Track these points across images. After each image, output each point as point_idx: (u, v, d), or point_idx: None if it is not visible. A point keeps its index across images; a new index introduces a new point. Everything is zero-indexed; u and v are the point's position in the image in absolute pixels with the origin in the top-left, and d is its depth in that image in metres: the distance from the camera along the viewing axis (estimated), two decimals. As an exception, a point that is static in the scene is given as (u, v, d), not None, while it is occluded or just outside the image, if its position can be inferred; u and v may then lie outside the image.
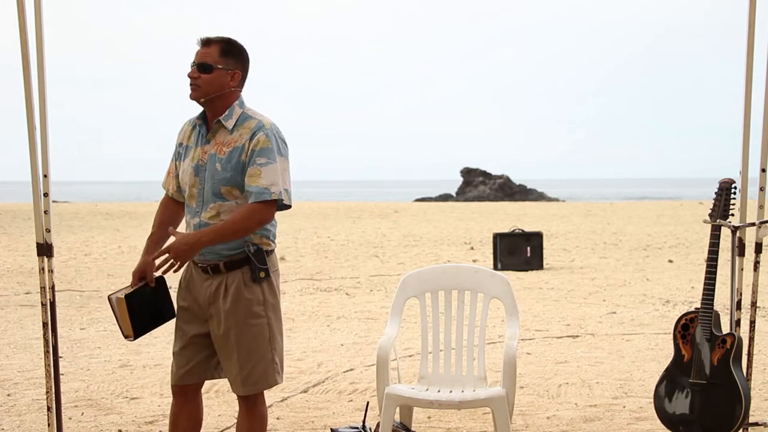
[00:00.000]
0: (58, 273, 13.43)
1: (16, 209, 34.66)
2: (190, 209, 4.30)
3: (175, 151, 4.42)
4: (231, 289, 4.25)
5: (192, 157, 4.28)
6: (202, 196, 4.25)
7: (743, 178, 5.18)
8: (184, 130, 4.39)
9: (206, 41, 4.23)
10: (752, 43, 5.13)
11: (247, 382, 4.30)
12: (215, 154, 4.23)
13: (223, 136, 4.24)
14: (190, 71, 4.22)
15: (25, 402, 6.57)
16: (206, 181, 4.23)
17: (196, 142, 4.30)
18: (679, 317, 5.07)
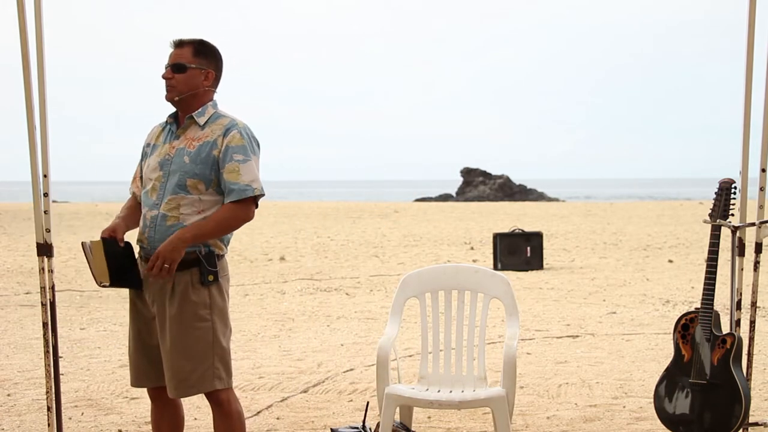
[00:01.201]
0: (58, 273, 13.43)
1: (16, 209, 34.66)
2: (148, 202, 4.32)
3: (142, 152, 4.48)
4: (178, 290, 4.26)
5: (159, 153, 4.34)
6: (163, 189, 4.27)
7: (743, 178, 5.18)
8: (153, 132, 4.45)
9: (179, 43, 4.29)
10: (752, 43, 5.13)
11: (182, 386, 4.27)
12: (184, 147, 4.27)
13: (194, 131, 4.30)
14: (165, 72, 4.29)
15: (25, 402, 6.57)
16: (171, 174, 4.25)
17: (165, 140, 4.35)
18: (679, 317, 5.07)
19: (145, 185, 4.36)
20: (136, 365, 4.47)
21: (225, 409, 4.34)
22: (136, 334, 4.48)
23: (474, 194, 55.85)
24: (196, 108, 4.30)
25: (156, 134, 4.43)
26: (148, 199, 4.32)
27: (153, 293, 4.33)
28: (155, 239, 4.28)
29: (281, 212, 34.36)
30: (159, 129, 4.44)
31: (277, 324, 10.06)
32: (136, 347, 4.47)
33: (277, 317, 10.54)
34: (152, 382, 4.43)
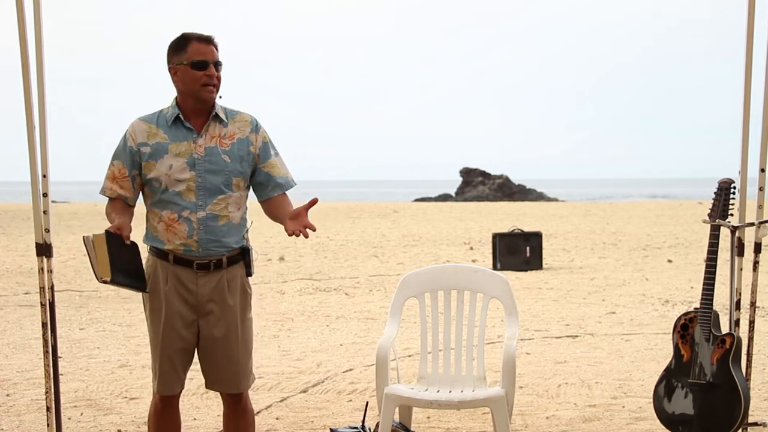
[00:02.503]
0: (57, 273, 13.44)
1: (16, 209, 34.66)
2: (184, 204, 4.19)
3: (132, 152, 4.23)
4: (235, 285, 4.27)
5: (177, 153, 4.19)
6: (204, 189, 4.20)
7: (742, 178, 5.18)
8: (141, 131, 4.23)
9: (211, 39, 4.23)
10: (751, 43, 5.13)
11: (247, 379, 4.34)
12: (216, 146, 4.22)
13: (218, 129, 4.25)
14: (213, 71, 4.20)
15: (24, 402, 6.57)
16: (211, 173, 4.20)
17: (176, 138, 4.21)
18: (679, 317, 5.07)
19: (172, 186, 4.19)
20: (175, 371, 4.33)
21: (245, 404, 4.41)
22: (176, 337, 4.27)
23: (473, 194, 55.85)
24: (212, 105, 4.27)
25: (149, 133, 4.22)
26: (183, 201, 4.19)
27: (207, 290, 4.25)
28: (207, 240, 4.22)
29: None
30: (149, 127, 4.23)
31: (276, 324, 10.06)
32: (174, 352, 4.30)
33: (276, 317, 10.54)
34: (182, 386, 4.41)
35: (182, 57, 4.19)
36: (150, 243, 4.28)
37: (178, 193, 4.19)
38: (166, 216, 4.21)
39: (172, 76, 4.24)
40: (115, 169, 4.25)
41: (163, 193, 4.20)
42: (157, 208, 4.23)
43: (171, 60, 4.23)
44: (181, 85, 4.22)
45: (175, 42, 4.24)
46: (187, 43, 4.20)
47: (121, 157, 4.24)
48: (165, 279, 4.23)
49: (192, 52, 4.18)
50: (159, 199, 4.22)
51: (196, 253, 4.21)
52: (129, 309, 11.05)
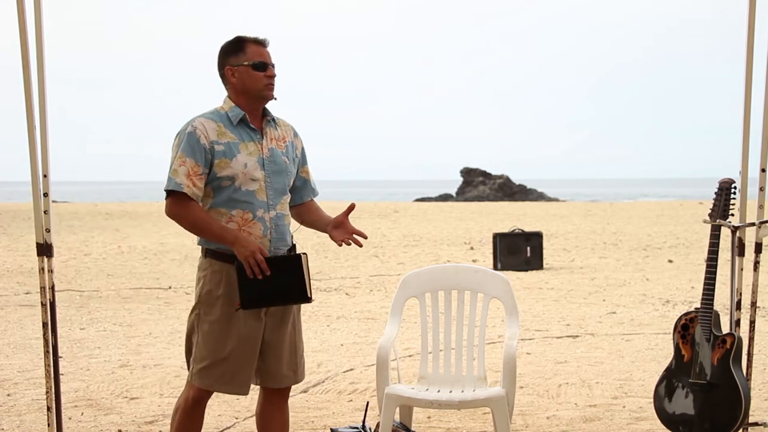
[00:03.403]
0: (58, 273, 13.43)
1: (16, 209, 34.68)
2: (258, 203, 4.22)
3: (203, 149, 4.17)
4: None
5: (248, 152, 4.22)
6: (273, 190, 4.27)
7: (743, 178, 5.18)
8: (210, 129, 4.20)
9: (266, 42, 4.32)
10: (752, 43, 5.13)
11: (302, 371, 4.43)
12: (275, 148, 4.31)
13: (273, 131, 4.35)
14: (272, 72, 4.28)
15: (25, 402, 6.57)
16: (276, 174, 4.28)
17: (243, 138, 4.24)
18: (679, 317, 5.07)
19: (246, 185, 4.19)
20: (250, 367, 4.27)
21: (287, 400, 4.48)
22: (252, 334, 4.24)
23: (474, 194, 55.86)
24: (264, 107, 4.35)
25: (218, 131, 4.21)
26: (257, 200, 4.22)
27: None
28: (277, 239, 4.28)
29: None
30: (217, 125, 4.22)
31: (277, 324, 10.05)
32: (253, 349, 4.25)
33: (277, 317, 10.53)
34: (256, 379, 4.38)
35: (242, 58, 4.26)
36: (215, 245, 4.20)
37: (251, 192, 4.21)
38: (238, 216, 4.20)
39: (229, 78, 4.27)
40: (188, 167, 4.16)
41: (236, 191, 4.20)
42: (224, 208, 4.20)
43: (228, 61, 4.28)
44: (241, 85, 4.26)
45: (230, 44, 4.29)
46: (245, 45, 4.27)
47: (194, 154, 4.16)
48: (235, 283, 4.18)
49: (251, 53, 4.26)
50: (229, 198, 4.20)
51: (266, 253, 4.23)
52: (129, 309, 11.06)
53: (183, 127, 4.24)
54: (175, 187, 4.15)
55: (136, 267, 16.03)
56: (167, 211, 4.25)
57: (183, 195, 4.16)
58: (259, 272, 4.11)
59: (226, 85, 4.33)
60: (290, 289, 4.19)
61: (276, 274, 4.14)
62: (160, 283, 13.84)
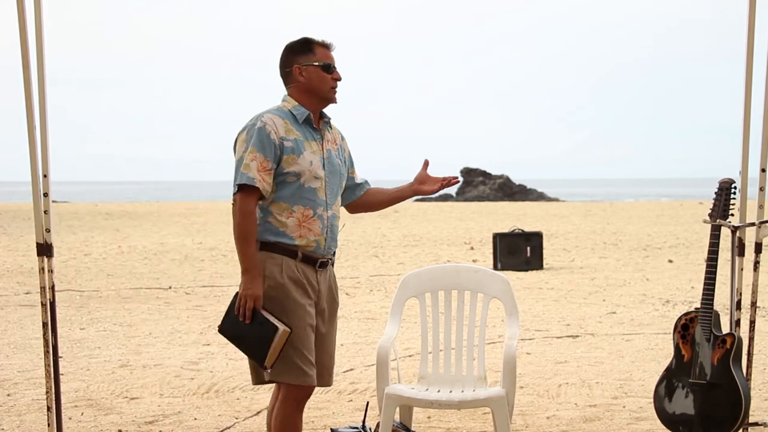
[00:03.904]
0: (58, 273, 13.43)
1: (16, 209, 34.68)
2: (319, 201, 4.26)
3: (273, 145, 4.18)
4: (336, 283, 4.44)
5: (312, 150, 4.26)
6: (330, 190, 4.32)
7: (743, 178, 5.18)
8: (278, 125, 4.21)
9: (332, 46, 4.38)
10: (752, 44, 5.13)
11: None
12: (331, 150, 4.38)
13: (327, 133, 4.40)
14: (338, 75, 4.34)
15: (25, 402, 6.57)
16: (333, 174, 4.34)
17: (307, 137, 4.28)
18: (679, 317, 5.07)
19: (310, 183, 4.23)
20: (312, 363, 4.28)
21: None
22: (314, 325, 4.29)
23: (474, 194, 55.85)
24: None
25: (286, 128, 4.23)
26: (318, 198, 4.26)
27: (324, 288, 4.34)
28: (331, 238, 4.32)
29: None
30: (284, 122, 4.24)
31: (277, 324, 10.05)
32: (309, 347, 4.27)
33: (277, 317, 10.53)
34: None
35: (311, 58, 4.31)
36: (274, 238, 4.21)
37: (314, 190, 4.25)
38: (299, 211, 4.22)
39: (296, 76, 4.30)
40: (258, 162, 4.16)
41: (300, 188, 4.22)
42: (287, 202, 4.21)
43: (296, 60, 4.31)
44: (308, 84, 4.30)
45: (299, 44, 4.34)
46: (313, 46, 4.33)
47: (263, 150, 4.16)
48: (295, 273, 4.21)
49: (320, 55, 4.32)
50: (293, 194, 4.21)
51: (321, 251, 4.28)
52: (129, 309, 11.06)
53: (251, 122, 4.24)
54: (248, 181, 4.13)
55: (136, 267, 16.03)
56: (238, 207, 4.15)
57: (254, 190, 4.14)
58: (242, 316, 4.17)
59: (288, 83, 4.35)
60: (255, 348, 4.20)
61: (254, 327, 4.17)
62: (160, 283, 13.84)
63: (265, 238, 4.22)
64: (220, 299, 12.05)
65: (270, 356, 4.15)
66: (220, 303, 11.67)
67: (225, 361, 7.98)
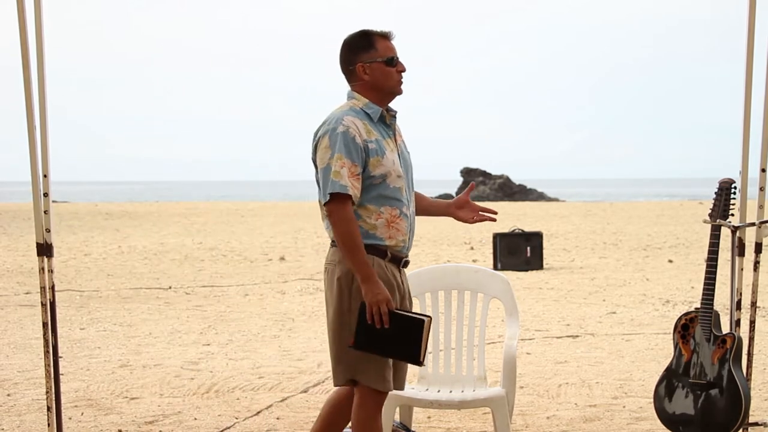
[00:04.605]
0: (58, 273, 13.43)
1: (16, 209, 34.68)
2: (403, 200, 4.19)
3: (360, 147, 4.08)
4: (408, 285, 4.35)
5: (391, 149, 4.18)
6: (408, 187, 4.25)
7: (743, 178, 5.18)
8: (360, 126, 4.11)
9: (392, 35, 4.24)
10: (752, 44, 5.13)
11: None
12: (402, 144, 4.29)
13: (395, 127, 4.30)
14: (402, 66, 4.22)
15: (25, 402, 6.57)
16: (408, 170, 4.27)
17: (383, 135, 4.19)
18: (679, 317, 5.07)
19: (394, 183, 4.14)
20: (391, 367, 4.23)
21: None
22: None
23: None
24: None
25: (366, 129, 4.12)
26: (403, 197, 4.18)
27: (405, 286, 4.29)
28: (412, 236, 4.28)
29: (281, 212, 34.37)
30: (364, 124, 4.14)
31: (277, 324, 10.06)
32: None
33: (277, 317, 10.54)
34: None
35: (374, 54, 4.17)
36: (365, 241, 4.09)
37: (398, 189, 4.17)
38: (386, 212, 4.14)
39: (360, 75, 4.18)
40: (348, 168, 4.04)
41: (386, 189, 4.13)
42: (374, 205, 4.12)
43: (359, 58, 4.18)
44: (373, 82, 4.18)
45: (359, 39, 4.20)
46: (374, 39, 4.18)
47: (350, 155, 4.05)
48: (386, 274, 4.15)
49: (382, 49, 4.18)
50: (378, 195, 4.12)
51: (405, 250, 4.23)
52: (129, 309, 11.06)
53: (331, 126, 4.11)
54: (341, 189, 4.01)
55: (136, 267, 16.03)
56: (339, 216, 4.03)
57: (347, 198, 4.04)
58: (379, 322, 4.02)
59: (352, 81, 4.23)
60: (404, 349, 4.07)
61: (395, 329, 4.03)
62: (160, 283, 13.84)
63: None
64: (220, 299, 12.05)
65: (423, 349, 4.05)
66: (220, 303, 11.67)
67: (225, 361, 7.98)
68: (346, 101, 4.23)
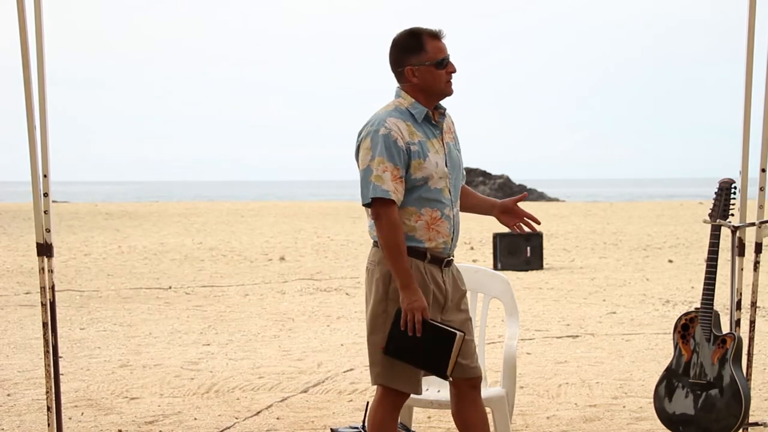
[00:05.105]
0: (58, 273, 13.44)
1: (16, 209, 34.67)
2: (446, 201, 4.16)
3: (401, 152, 4.06)
4: (460, 278, 4.32)
5: (435, 150, 4.14)
6: (453, 186, 4.22)
7: (743, 178, 5.18)
8: (403, 129, 4.09)
9: (442, 34, 4.19)
10: (752, 44, 5.13)
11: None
12: (450, 143, 4.25)
13: (444, 125, 4.26)
14: (453, 67, 4.19)
15: (25, 402, 6.57)
16: (454, 170, 4.22)
17: (428, 135, 4.16)
18: (679, 317, 5.07)
19: (436, 184, 4.12)
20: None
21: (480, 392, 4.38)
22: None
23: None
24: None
25: (409, 131, 4.09)
26: (445, 198, 4.15)
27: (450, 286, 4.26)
28: (455, 237, 4.25)
29: (281, 212, 34.37)
30: (407, 125, 4.11)
31: (277, 324, 10.06)
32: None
33: (277, 317, 10.54)
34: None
35: (423, 57, 4.13)
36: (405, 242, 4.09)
37: (440, 191, 4.15)
38: (427, 214, 4.12)
39: (409, 77, 4.14)
40: (390, 172, 4.03)
41: (427, 191, 4.11)
42: (414, 206, 4.10)
43: (408, 60, 4.14)
44: (422, 84, 4.14)
45: (408, 39, 4.16)
46: (423, 40, 4.14)
47: (392, 158, 4.03)
48: (423, 278, 4.14)
49: (432, 50, 4.13)
50: (419, 197, 4.10)
51: (447, 251, 4.20)
52: (129, 309, 11.06)
53: (373, 127, 4.09)
54: (383, 194, 4.01)
55: (136, 267, 16.03)
56: (386, 221, 4.03)
57: (392, 203, 4.03)
58: (412, 330, 4.02)
59: (401, 81, 4.19)
60: (433, 360, 4.07)
61: (426, 339, 4.03)
62: (160, 283, 13.85)
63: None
64: (220, 299, 12.05)
65: (451, 363, 4.05)
66: (220, 303, 11.68)
67: (225, 361, 7.98)
68: (393, 99, 4.21)
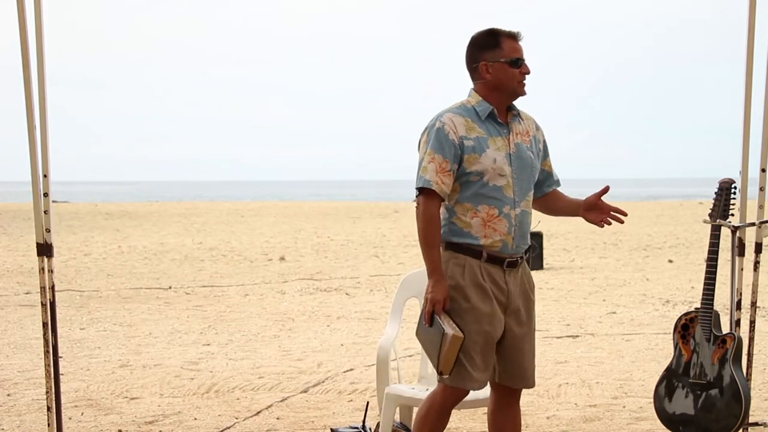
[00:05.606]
0: (58, 273, 13.44)
1: (16, 209, 34.67)
2: (505, 199, 4.17)
3: (453, 145, 4.10)
4: (531, 281, 4.42)
5: (497, 147, 4.15)
6: (519, 186, 4.22)
7: (743, 178, 5.18)
8: (458, 124, 4.13)
9: (520, 36, 4.22)
10: (752, 44, 5.13)
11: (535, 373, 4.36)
12: (520, 143, 4.24)
13: (517, 126, 4.26)
14: (527, 68, 4.21)
15: (25, 402, 6.57)
16: (523, 170, 4.22)
17: (491, 133, 4.17)
18: (679, 317, 5.07)
19: (494, 181, 4.13)
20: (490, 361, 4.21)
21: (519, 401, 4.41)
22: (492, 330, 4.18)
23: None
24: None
25: (467, 126, 4.14)
26: (504, 196, 4.17)
27: (515, 287, 4.33)
28: (519, 237, 4.33)
29: (281, 212, 34.38)
30: (465, 120, 4.15)
31: (277, 324, 10.06)
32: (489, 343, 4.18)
33: (277, 317, 10.55)
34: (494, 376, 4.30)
35: (498, 54, 4.16)
36: (458, 239, 4.16)
37: (499, 188, 4.16)
38: (483, 211, 4.15)
39: (483, 73, 4.18)
40: (437, 164, 4.09)
41: (483, 187, 4.14)
42: (470, 203, 4.15)
43: (483, 57, 4.19)
44: (495, 81, 4.17)
45: (485, 38, 4.20)
46: (500, 39, 4.18)
47: (442, 150, 4.10)
48: (477, 276, 4.18)
49: (508, 49, 4.17)
50: (476, 193, 4.13)
51: (508, 251, 4.26)
52: (129, 309, 11.06)
53: (431, 123, 4.18)
54: (425, 184, 4.09)
55: (136, 267, 16.04)
56: (421, 211, 4.13)
57: (433, 193, 4.10)
58: (425, 319, 4.16)
59: (475, 79, 4.23)
60: (430, 352, 4.15)
61: (431, 331, 4.13)
62: (160, 283, 13.85)
63: (449, 239, 4.18)
64: (220, 299, 12.05)
65: (442, 361, 4.07)
66: (220, 303, 11.68)
67: (225, 361, 7.98)
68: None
